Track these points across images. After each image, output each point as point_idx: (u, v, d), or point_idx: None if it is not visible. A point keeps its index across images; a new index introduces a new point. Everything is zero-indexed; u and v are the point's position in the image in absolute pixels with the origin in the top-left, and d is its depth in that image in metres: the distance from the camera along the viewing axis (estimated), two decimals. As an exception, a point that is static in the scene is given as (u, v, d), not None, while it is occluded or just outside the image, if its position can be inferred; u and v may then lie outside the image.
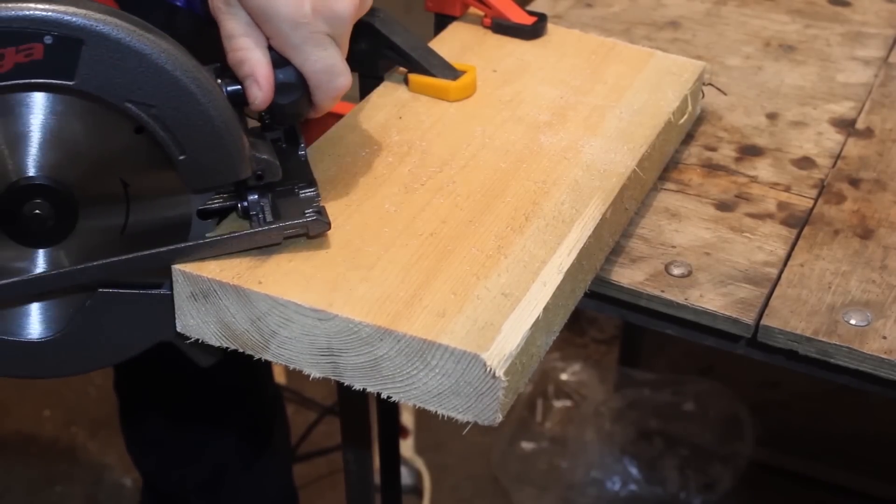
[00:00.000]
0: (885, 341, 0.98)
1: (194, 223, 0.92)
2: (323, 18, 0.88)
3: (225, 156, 0.87)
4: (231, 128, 0.87)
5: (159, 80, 0.83)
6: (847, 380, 1.01)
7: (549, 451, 2.21)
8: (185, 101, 0.84)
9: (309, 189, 0.94)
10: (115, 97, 0.84)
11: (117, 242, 0.92)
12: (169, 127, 0.85)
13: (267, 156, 0.91)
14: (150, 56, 0.83)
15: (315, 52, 0.89)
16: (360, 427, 1.43)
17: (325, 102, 0.92)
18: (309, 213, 0.90)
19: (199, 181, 0.89)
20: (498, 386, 0.81)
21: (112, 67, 0.83)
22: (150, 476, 1.81)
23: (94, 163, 0.89)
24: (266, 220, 0.91)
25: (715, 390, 2.25)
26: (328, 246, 0.91)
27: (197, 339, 0.91)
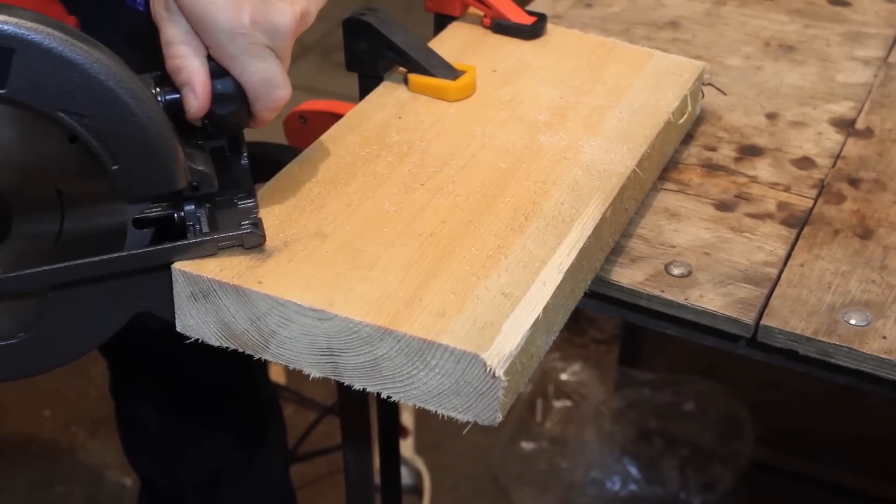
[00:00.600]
0: (885, 341, 0.98)
1: (130, 232, 0.91)
2: (262, 30, 0.88)
3: (159, 167, 0.87)
4: (165, 138, 0.86)
5: (91, 90, 0.83)
6: (847, 380, 1.01)
7: (549, 451, 2.21)
8: (117, 112, 0.84)
9: (248, 200, 0.93)
10: (46, 106, 0.83)
11: (52, 249, 0.91)
12: (101, 137, 0.84)
13: (203, 167, 0.90)
14: (82, 66, 0.82)
15: (253, 63, 0.88)
16: (360, 427, 1.43)
17: (265, 114, 0.92)
18: (245, 224, 0.90)
19: (133, 191, 0.88)
20: (498, 386, 0.81)
21: (43, 77, 0.82)
22: (147, 478, 1.81)
23: (27, 170, 0.89)
24: (202, 230, 0.90)
25: (715, 390, 2.25)
26: (328, 246, 0.91)
27: (197, 340, 0.91)
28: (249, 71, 0.88)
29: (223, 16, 0.87)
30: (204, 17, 0.87)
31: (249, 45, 0.88)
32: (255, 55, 0.88)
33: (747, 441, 2.18)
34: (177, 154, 0.87)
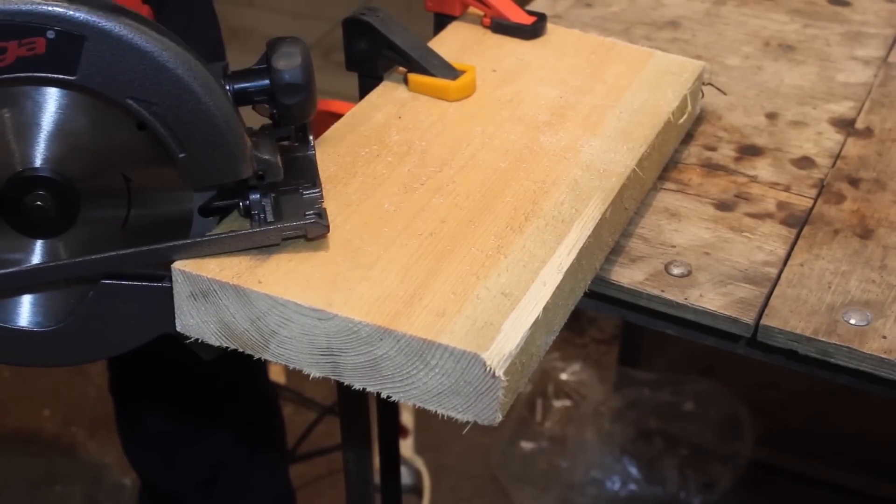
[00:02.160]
0: (885, 341, 0.98)
1: (195, 220, 0.92)
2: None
3: (226, 155, 0.87)
4: (233, 127, 0.87)
5: (160, 78, 0.84)
6: (847, 379, 1.01)
7: (548, 450, 2.21)
8: (186, 100, 0.85)
9: (313, 190, 0.94)
10: (116, 94, 0.84)
11: (118, 236, 0.92)
12: (170, 125, 0.85)
13: (268, 156, 0.91)
14: (151, 54, 0.83)
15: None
16: (360, 427, 1.43)
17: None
18: (309, 214, 0.90)
19: (199, 179, 0.89)
20: (497, 385, 0.81)
21: (114, 64, 0.83)
22: (147, 476, 1.81)
23: (96, 157, 0.90)
24: (267, 219, 0.91)
25: (715, 390, 2.25)
26: (328, 246, 0.91)
27: (197, 339, 0.91)
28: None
29: None
30: None
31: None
32: None
33: (747, 441, 2.18)
34: (243, 143, 0.88)
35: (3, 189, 0.89)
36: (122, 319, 0.93)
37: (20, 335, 0.93)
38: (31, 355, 0.94)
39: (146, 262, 0.89)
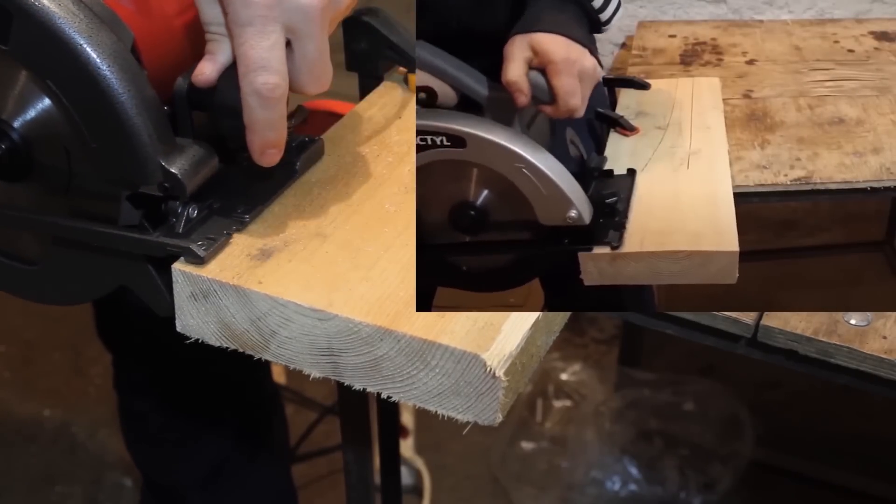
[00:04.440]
0: (885, 341, 0.98)
1: (123, 206, 0.91)
2: (282, 6, 0.85)
3: (130, 159, 0.87)
4: (141, 133, 0.86)
5: (79, 69, 0.84)
6: (847, 380, 1.01)
7: (549, 451, 2.21)
8: (100, 96, 0.85)
9: (243, 216, 0.92)
10: (38, 72, 0.86)
11: (62, 200, 0.93)
12: (82, 115, 0.86)
13: (176, 171, 0.88)
14: (70, 43, 0.83)
15: (254, 37, 0.85)
16: (360, 427, 1.42)
17: (249, 99, 0.86)
18: (201, 242, 0.89)
19: (108, 173, 0.89)
20: (498, 386, 0.81)
21: (37, 45, 0.84)
22: (149, 473, 1.81)
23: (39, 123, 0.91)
24: (176, 229, 0.90)
25: (715, 390, 2.25)
26: (328, 246, 0.91)
27: (197, 340, 0.91)
28: (248, 44, 0.85)
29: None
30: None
31: (261, 17, 0.84)
32: (260, 31, 0.85)
33: (747, 441, 2.18)
34: (149, 152, 0.87)
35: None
36: (81, 273, 0.96)
37: (14, 270, 0.99)
38: (26, 289, 1.00)
39: (65, 235, 0.93)
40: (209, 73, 0.89)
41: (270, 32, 0.85)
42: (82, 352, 2.50)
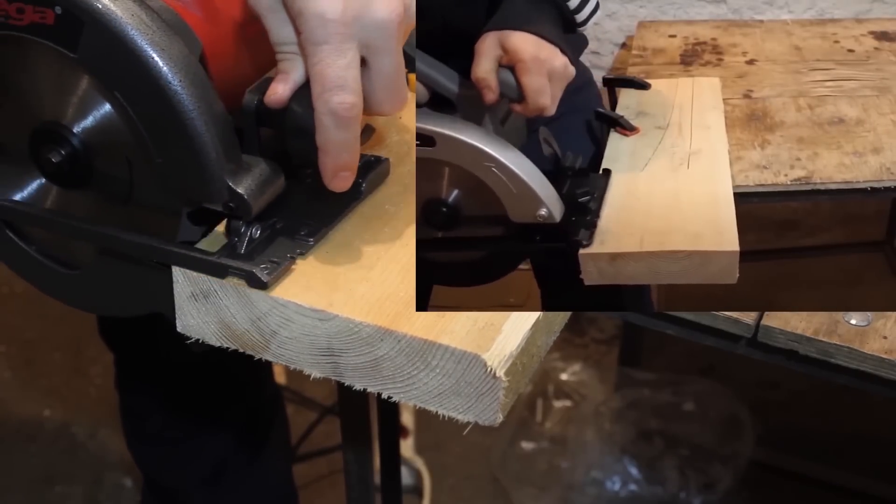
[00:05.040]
0: (886, 341, 0.98)
1: (183, 223, 0.90)
2: (359, 23, 0.83)
3: (198, 178, 0.85)
4: (208, 151, 0.84)
5: (148, 81, 0.82)
6: (847, 380, 1.01)
7: (549, 451, 2.21)
8: (169, 111, 0.83)
9: (307, 238, 0.90)
10: (106, 83, 0.84)
11: (122, 211, 0.93)
12: (148, 129, 0.84)
13: (243, 191, 0.86)
14: (143, 55, 0.82)
15: (330, 56, 0.83)
16: (360, 427, 1.43)
17: (324, 119, 0.84)
18: (264, 265, 0.86)
19: (172, 188, 0.87)
20: (498, 386, 0.81)
21: (106, 55, 0.83)
22: (150, 473, 1.81)
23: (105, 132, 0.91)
24: (238, 250, 0.88)
25: (715, 390, 2.25)
26: (328, 246, 0.91)
27: (197, 340, 0.91)
28: (325, 63, 0.82)
29: (320, 2, 0.82)
30: (302, 6, 0.82)
31: (338, 34, 0.82)
32: (336, 50, 0.82)
33: (747, 441, 2.18)
34: (216, 171, 0.85)
35: (31, 138, 0.92)
36: (120, 287, 0.95)
37: (57, 274, 0.98)
38: (63, 293, 0.99)
39: (120, 249, 0.91)
40: (282, 92, 0.86)
41: (347, 50, 0.83)
42: (82, 352, 2.50)
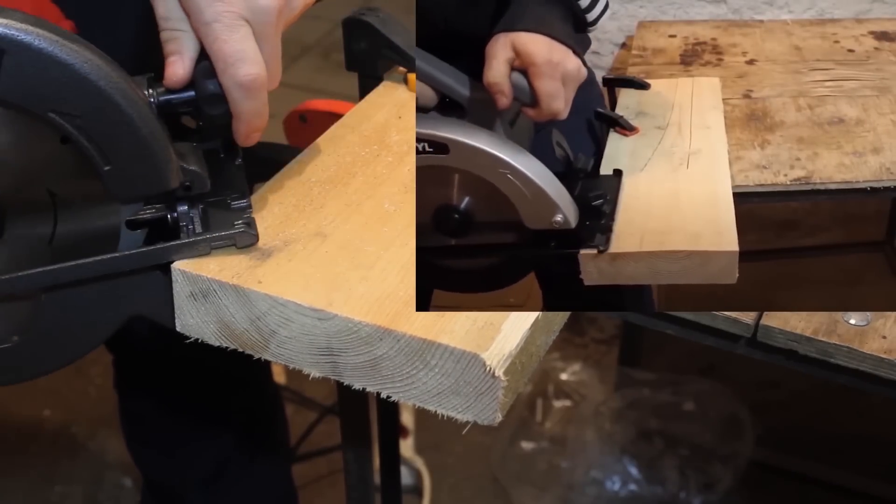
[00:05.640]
0: (885, 341, 0.98)
1: (123, 233, 0.91)
2: (244, 3, 0.87)
3: (151, 167, 0.87)
4: (157, 138, 0.86)
5: (83, 90, 0.83)
6: (847, 379, 1.01)
7: (548, 451, 2.21)
8: (109, 112, 0.84)
9: (241, 200, 0.93)
10: (38, 107, 0.83)
11: (46, 251, 0.91)
12: (93, 138, 0.84)
13: (195, 167, 0.90)
14: (73, 66, 0.82)
15: (224, 32, 0.87)
16: (360, 427, 1.43)
17: (233, 92, 0.89)
18: (238, 224, 0.90)
19: (126, 192, 0.88)
20: (497, 385, 0.81)
21: (35, 77, 0.82)
22: (150, 474, 1.81)
23: (20, 172, 0.89)
24: (195, 231, 0.90)
25: (715, 390, 2.25)
26: (328, 246, 0.91)
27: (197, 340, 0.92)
28: (221, 39, 0.87)
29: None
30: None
31: (226, 13, 0.86)
32: (229, 25, 0.87)
33: (747, 441, 2.18)
34: (168, 154, 0.87)
35: None
36: (81, 318, 0.92)
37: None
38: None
39: (77, 278, 0.88)
40: (183, 72, 0.89)
41: (239, 26, 0.87)
42: (83, 352, 2.50)
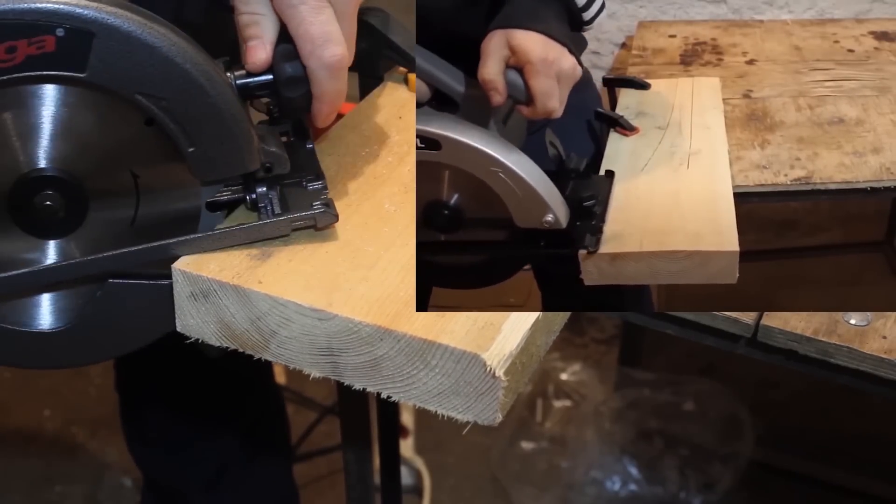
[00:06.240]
0: (885, 341, 0.98)
1: (203, 215, 0.93)
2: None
3: (234, 148, 0.89)
4: (240, 120, 0.88)
5: (169, 72, 0.85)
6: (847, 380, 1.01)
7: (549, 451, 2.21)
8: (194, 94, 0.86)
9: (317, 182, 0.95)
10: (125, 89, 0.85)
11: (127, 234, 0.93)
12: (178, 119, 0.86)
13: (276, 148, 0.92)
14: (160, 49, 0.84)
15: (310, 14, 0.88)
16: (360, 427, 1.43)
17: (319, 73, 0.90)
18: (317, 205, 0.91)
19: (209, 173, 0.90)
20: (498, 386, 0.81)
21: (122, 60, 0.84)
22: (150, 474, 1.81)
23: (104, 155, 0.90)
24: (274, 211, 0.92)
25: (715, 390, 2.25)
26: (328, 246, 0.91)
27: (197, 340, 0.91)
28: (308, 21, 0.88)
29: None
30: None
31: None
32: (315, 7, 0.88)
33: (747, 441, 2.18)
34: (251, 136, 0.89)
35: (12, 191, 0.89)
36: (129, 318, 0.93)
37: (28, 337, 0.93)
38: (39, 357, 0.94)
39: (157, 258, 0.90)
40: (265, 56, 0.91)
41: (323, 8, 0.89)
42: (82, 352, 2.50)
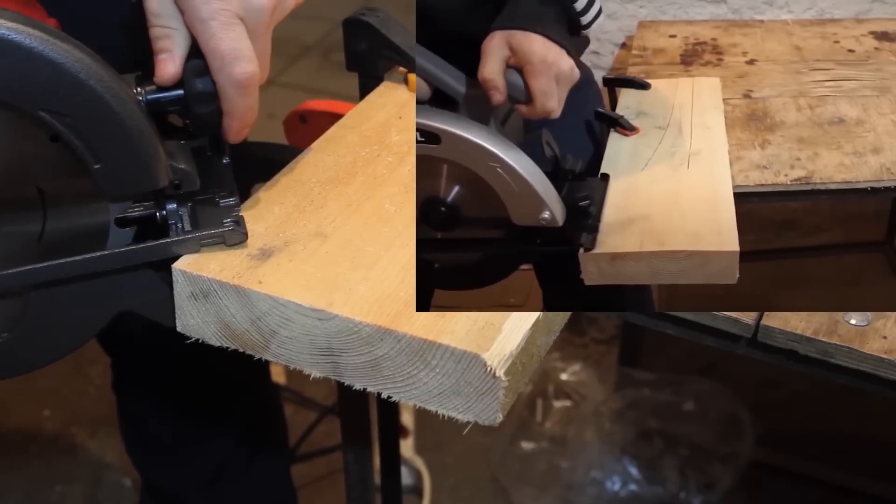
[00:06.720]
0: (886, 341, 0.98)
1: (112, 231, 0.91)
2: (238, 2, 0.88)
3: (141, 165, 0.87)
4: (147, 136, 0.86)
5: (73, 89, 0.83)
6: (847, 380, 1.01)
7: (549, 451, 2.21)
8: (99, 111, 0.84)
9: (229, 198, 0.94)
10: (28, 106, 0.83)
11: (35, 249, 0.91)
12: (83, 136, 0.84)
13: (185, 165, 0.91)
14: (63, 65, 0.82)
15: (220, 30, 0.87)
16: (360, 427, 1.43)
17: (228, 90, 0.89)
18: (227, 222, 0.90)
19: (115, 190, 0.88)
20: (498, 386, 0.81)
21: (25, 76, 0.82)
22: (148, 476, 1.81)
23: (9, 169, 0.89)
24: (184, 228, 0.91)
25: (715, 390, 2.25)
26: (328, 246, 0.91)
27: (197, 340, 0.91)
28: (217, 37, 0.87)
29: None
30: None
31: (222, 10, 0.87)
32: (225, 23, 0.87)
33: (747, 441, 2.18)
34: (158, 152, 0.87)
35: None
36: (69, 314, 0.92)
37: None
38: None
39: (65, 276, 0.89)
40: (172, 69, 0.90)
41: (234, 24, 0.88)
42: (82, 352, 2.47)
